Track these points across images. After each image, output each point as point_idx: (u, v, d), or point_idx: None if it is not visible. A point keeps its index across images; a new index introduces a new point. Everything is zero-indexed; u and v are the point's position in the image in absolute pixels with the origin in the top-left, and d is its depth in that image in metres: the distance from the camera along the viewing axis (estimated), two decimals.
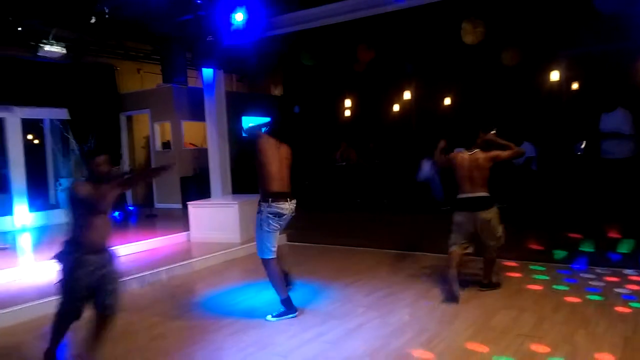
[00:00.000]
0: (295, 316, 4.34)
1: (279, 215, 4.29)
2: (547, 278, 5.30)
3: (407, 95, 11.39)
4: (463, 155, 5.01)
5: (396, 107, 11.95)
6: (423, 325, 4.08)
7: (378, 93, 11.87)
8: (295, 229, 8.21)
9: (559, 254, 6.16)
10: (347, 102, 12.47)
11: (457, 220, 4.90)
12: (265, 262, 4.35)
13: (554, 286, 5.01)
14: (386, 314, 4.40)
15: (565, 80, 10.10)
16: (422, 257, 6.49)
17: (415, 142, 11.38)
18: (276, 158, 4.37)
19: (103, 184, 3.28)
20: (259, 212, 4.31)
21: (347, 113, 12.63)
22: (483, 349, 3.58)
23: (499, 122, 10.16)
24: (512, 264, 5.91)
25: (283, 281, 4.40)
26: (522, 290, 4.92)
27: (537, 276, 5.39)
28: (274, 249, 4.34)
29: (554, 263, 5.82)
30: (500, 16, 7.95)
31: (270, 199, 4.26)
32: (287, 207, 4.34)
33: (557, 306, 4.42)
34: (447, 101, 11.22)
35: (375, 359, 3.48)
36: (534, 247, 6.65)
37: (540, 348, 3.55)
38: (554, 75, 9.61)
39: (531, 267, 5.75)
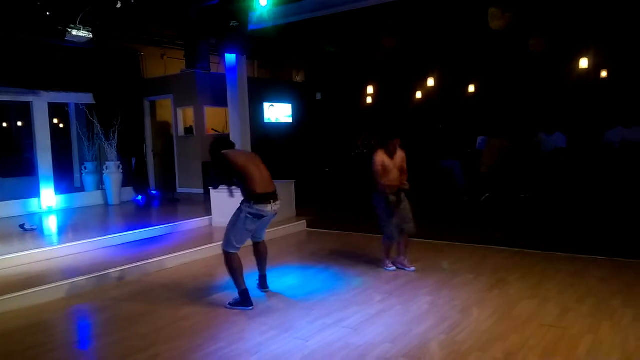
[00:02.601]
0: (251, 309, 4.28)
1: (259, 216, 4.36)
2: (573, 268, 5.23)
3: (430, 82, 11.24)
4: None
5: (419, 95, 11.84)
6: (444, 314, 4.08)
7: (401, 80, 11.76)
8: (316, 216, 8.29)
9: (584, 244, 6.09)
10: (370, 89, 12.38)
11: None
12: (226, 254, 4.39)
13: (579, 277, 4.94)
14: (407, 302, 4.40)
15: (594, 68, 9.86)
16: (443, 245, 6.47)
17: (439, 130, 11.28)
18: (250, 162, 4.45)
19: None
20: (240, 209, 4.38)
21: (369, 100, 12.55)
22: (506, 337, 3.56)
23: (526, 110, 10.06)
24: (537, 253, 5.85)
25: (241, 274, 4.39)
26: (545, 280, 4.86)
27: (561, 266, 5.32)
28: (239, 246, 4.39)
29: (580, 254, 5.74)
30: (528, 1, 7.78)
31: (253, 201, 4.30)
32: (270, 208, 4.38)
33: (581, 297, 4.36)
34: (472, 89, 11.06)
35: (397, 345, 3.48)
36: (559, 237, 6.58)
37: (564, 339, 3.52)
38: (583, 63, 9.37)
39: (555, 256, 5.68)
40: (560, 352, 3.33)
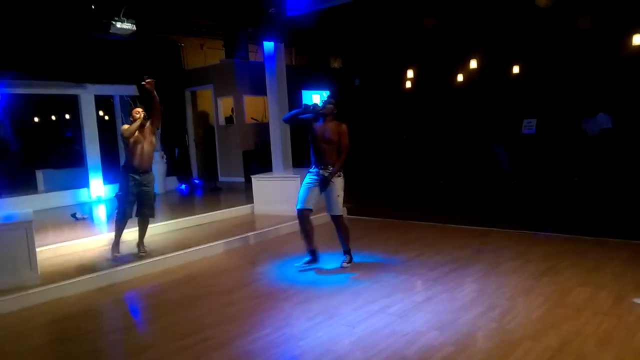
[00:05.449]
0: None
1: None
2: (627, 255, 5.01)
3: (473, 64, 10.91)
4: None
5: (461, 77, 11.53)
6: (492, 301, 3.97)
7: (442, 63, 11.48)
8: (357, 203, 8.21)
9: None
10: (410, 73, 12.14)
11: None
12: (342, 218, 5.13)
13: (635, 264, 4.73)
14: (452, 289, 4.32)
15: None
16: (488, 232, 6.31)
17: (482, 113, 10.98)
18: None
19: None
20: (341, 177, 5.07)
21: (409, 84, 12.32)
22: (560, 326, 3.44)
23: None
24: (589, 239, 5.63)
25: None
26: (599, 267, 4.67)
27: (615, 253, 5.10)
28: None
29: (634, 240, 5.49)
30: None
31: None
32: None
33: (638, 285, 4.17)
34: (516, 69, 10.68)
35: (445, 333, 3.43)
36: (612, 221, 6.32)
37: (620, 327, 3.37)
38: (636, 39, 8.86)
39: (609, 242, 5.45)
40: (617, 340, 3.20)
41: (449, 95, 11.65)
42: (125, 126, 5.36)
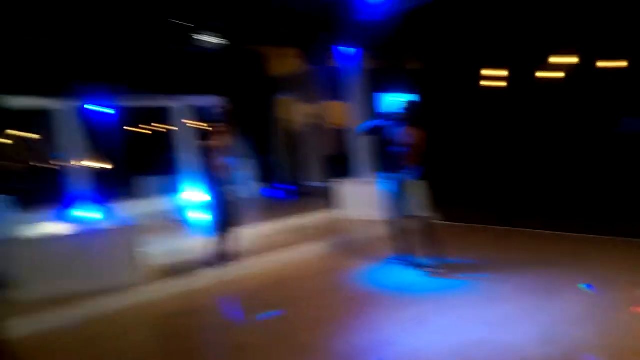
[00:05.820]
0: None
1: None
2: None
3: (565, 60, 10.26)
4: None
5: (552, 75, 10.86)
6: (598, 313, 3.70)
7: (532, 59, 10.86)
8: (451, 209, 7.81)
9: None
10: (495, 72, 11.64)
11: None
12: (429, 221, 5.11)
13: None
14: (552, 299, 4.07)
15: None
16: (591, 239, 5.85)
17: (582, 112, 10.23)
18: None
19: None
20: (423, 180, 5.10)
21: (497, 83, 11.80)
22: None
23: None
24: None
25: None
26: None
27: None
28: None
29: None
30: None
31: None
32: None
33: None
34: (615, 64, 9.89)
35: (545, 346, 3.23)
36: None
37: None
38: None
39: None
40: None
41: (542, 94, 11.00)
42: (204, 142, 5.88)
